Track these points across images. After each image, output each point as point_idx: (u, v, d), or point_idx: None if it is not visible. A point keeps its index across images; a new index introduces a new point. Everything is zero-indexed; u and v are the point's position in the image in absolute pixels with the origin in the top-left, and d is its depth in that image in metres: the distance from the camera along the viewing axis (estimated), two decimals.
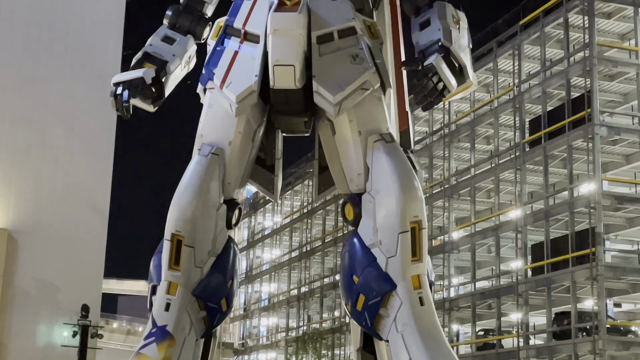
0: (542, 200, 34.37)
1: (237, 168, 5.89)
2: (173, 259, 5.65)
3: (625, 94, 34.87)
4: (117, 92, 6.13)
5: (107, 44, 27.16)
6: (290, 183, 55.73)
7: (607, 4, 32.56)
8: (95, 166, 26.87)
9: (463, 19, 6.22)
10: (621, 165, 35.01)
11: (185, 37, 6.49)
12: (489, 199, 40.50)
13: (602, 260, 30.28)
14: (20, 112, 26.07)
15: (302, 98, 5.79)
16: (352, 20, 5.87)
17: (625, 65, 32.64)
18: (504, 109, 36.76)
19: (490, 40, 37.76)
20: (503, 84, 38.11)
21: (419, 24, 6.19)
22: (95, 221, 27.25)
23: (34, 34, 26.32)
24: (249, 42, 5.84)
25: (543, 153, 33.62)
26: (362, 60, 5.78)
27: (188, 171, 5.78)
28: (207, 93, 5.94)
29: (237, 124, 5.80)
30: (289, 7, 5.66)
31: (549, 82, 34.13)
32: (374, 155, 5.76)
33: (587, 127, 31.02)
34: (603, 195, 30.91)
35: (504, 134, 38.60)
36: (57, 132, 26.47)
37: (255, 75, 5.69)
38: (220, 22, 6.13)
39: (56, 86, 26.48)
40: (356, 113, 5.80)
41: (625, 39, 34.10)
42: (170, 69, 6.35)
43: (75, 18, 26.91)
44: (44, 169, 26.28)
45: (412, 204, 5.60)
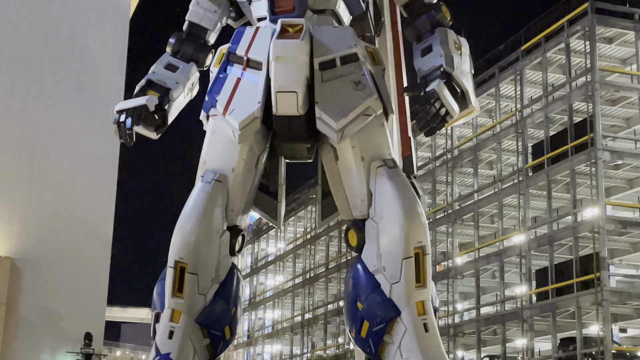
0: (546, 225, 34.31)
1: (240, 195, 5.89)
2: (176, 287, 5.63)
3: (628, 119, 34.91)
4: (120, 119, 6.15)
5: (110, 72, 27.26)
6: (293, 209, 55.71)
7: (608, 29, 32.68)
8: (98, 194, 26.88)
9: (465, 44, 6.24)
10: (624, 190, 34.99)
11: (188, 64, 6.51)
12: (493, 224, 40.43)
13: (607, 285, 30.16)
14: (23, 140, 26.13)
15: (304, 124, 5.80)
16: (354, 47, 5.89)
17: (627, 90, 32.71)
18: (507, 134, 36.80)
19: (492, 66, 37.88)
20: (505, 109, 38.18)
21: (420, 50, 6.22)
22: (99, 249, 27.22)
23: (37, 61, 26.44)
24: (252, 69, 5.86)
25: (546, 178, 33.61)
26: (364, 87, 5.79)
27: (191, 198, 5.78)
28: (210, 120, 5.95)
29: (240, 151, 5.80)
30: (292, 34, 5.69)
31: (551, 107, 34.19)
32: (377, 181, 5.76)
33: (590, 151, 31.02)
34: (607, 219, 30.85)
35: (506, 159, 38.62)
36: (61, 160, 26.50)
37: (258, 102, 5.70)
38: (223, 50, 6.15)
39: (59, 114, 26.56)
40: (359, 139, 5.80)
41: (627, 64, 34.20)
42: (173, 97, 6.37)
43: (79, 46, 27.04)
44: (47, 197, 26.29)
45: (415, 229, 5.59)
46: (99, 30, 27.34)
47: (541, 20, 35.37)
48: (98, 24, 27.36)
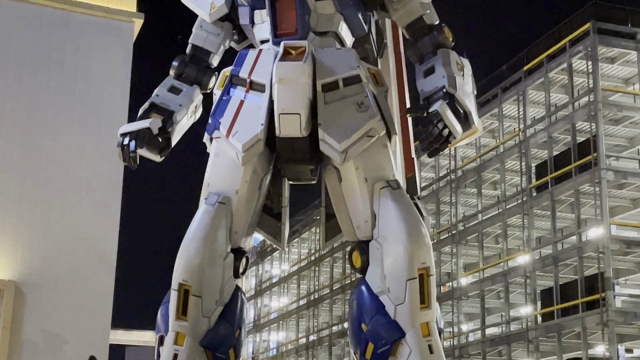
0: (551, 245, 34.22)
1: (244, 217, 5.89)
2: (180, 309, 5.62)
3: (631, 138, 34.91)
4: (124, 142, 6.17)
5: (114, 96, 27.35)
6: (297, 231, 55.64)
7: (610, 49, 32.74)
8: (102, 217, 26.88)
9: (467, 65, 6.26)
10: (629, 210, 34.91)
11: (192, 87, 6.54)
12: (497, 244, 40.33)
13: (612, 306, 30.04)
14: (28, 163, 26.18)
15: (308, 146, 5.81)
16: (356, 69, 5.91)
17: (630, 110, 32.72)
18: (510, 154, 36.80)
19: (495, 86, 37.93)
20: (508, 129, 38.19)
21: (423, 71, 6.23)
22: (103, 272, 27.19)
23: (42, 85, 26.54)
24: (255, 92, 5.88)
25: (550, 198, 33.56)
26: (367, 108, 5.80)
27: (195, 221, 5.78)
28: (213, 142, 5.97)
29: (243, 173, 5.81)
30: (294, 57, 5.71)
31: (554, 127, 34.21)
32: (381, 202, 5.76)
33: (594, 171, 31.00)
34: (611, 239, 30.77)
35: (510, 179, 38.59)
36: (65, 183, 26.54)
37: (261, 124, 5.71)
38: (226, 72, 6.17)
39: (63, 137, 26.61)
40: (362, 160, 5.81)
41: (630, 84, 34.24)
42: (176, 119, 6.39)
43: (83, 70, 27.14)
44: (51, 220, 26.30)
45: (419, 250, 5.59)
46: (102, 55, 27.45)
47: (543, 40, 35.46)
48: (102, 48, 27.48)
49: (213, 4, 6.40)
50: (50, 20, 26.92)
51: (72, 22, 27.20)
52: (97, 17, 27.55)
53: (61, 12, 27.05)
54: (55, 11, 26.96)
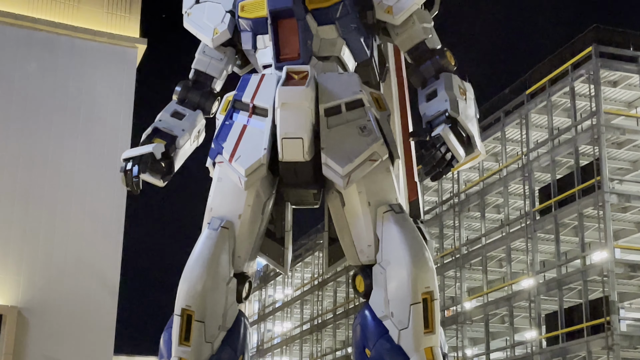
0: (555, 269, 34.13)
1: (247, 241, 5.88)
2: (183, 335, 5.59)
3: (634, 161, 34.92)
4: (127, 167, 6.18)
5: (117, 121, 27.40)
6: (300, 255, 55.57)
7: (612, 73, 32.83)
8: (105, 242, 26.84)
9: (469, 89, 6.27)
10: (633, 233, 34.86)
11: (194, 112, 6.55)
12: (501, 268, 40.25)
13: (617, 329, 29.91)
14: (31, 189, 26.18)
15: (311, 170, 5.81)
16: (359, 93, 5.92)
17: (632, 133, 32.76)
18: (513, 177, 36.80)
19: (498, 110, 38.00)
20: (511, 152, 38.22)
21: (425, 95, 6.24)
22: (105, 297, 27.12)
23: (45, 110, 26.59)
24: (258, 116, 5.89)
25: (554, 221, 33.52)
26: (370, 132, 5.81)
27: (198, 245, 5.77)
28: (216, 167, 5.97)
29: (246, 197, 5.81)
30: (297, 81, 5.73)
31: (557, 150, 34.23)
32: (384, 226, 5.75)
33: (597, 194, 30.98)
34: (616, 263, 30.70)
35: (513, 203, 38.56)
36: (67, 209, 26.53)
37: (264, 148, 5.72)
38: (229, 97, 6.19)
39: (66, 162, 26.63)
40: (365, 184, 5.81)
41: (632, 107, 34.30)
42: (179, 144, 6.40)
43: (86, 95, 27.22)
44: (53, 246, 26.26)
45: (423, 274, 5.57)
46: (106, 80, 27.54)
47: (545, 64, 35.56)
48: (105, 74, 27.57)
49: (216, 29, 6.43)
50: (54, 46, 27.03)
51: (76, 47, 27.31)
52: (101, 43, 27.66)
53: (65, 38, 27.16)
54: (59, 37, 27.08)
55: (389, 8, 6.21)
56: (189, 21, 6.60)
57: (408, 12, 6.24)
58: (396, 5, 6.20)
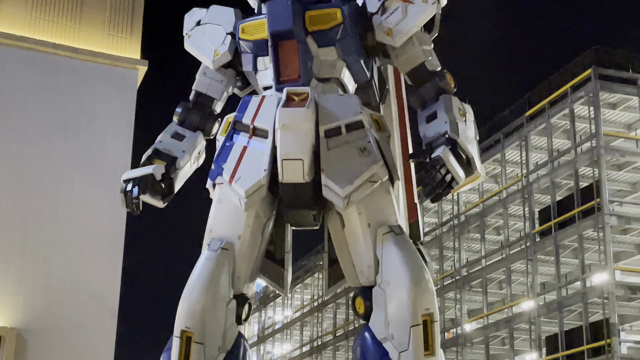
0: (555, 291, 34.05)
1: (246, 262, 5.87)
2: (182, 356, 5.57)
3: (634, 183, 34.93)
4: (127, 188, 6.17)
5: (117, 142, 27.42)
6: (300, 276, 55.46)
7: (612, 95, 32.90)
8: (105, 263, 26.79)
9: (469, 111, 6.29)
10: (633, 255, 34.81)
11: (195, 133, 6.57)
12: (501, 290, 40.15)
13: (617, 352, 29.80)
14: (30, 209, 26.16)
15: (310, 191, 5.81)
16: (359, 114, 5.94)
17: (632, 155, 32.78)
18: (513, 199, 36.79)
19: (497, 132, 38.05)
20: (511, 174, 38.24)
21: (425, 117, 6.26)
22: (105, 318, 27.04)
23: (45, 130, 26.62)
24: (258, 137, 5.90)
25: (554, 243, 33.48)
26: (370, 153, 5.82)
27: (197, 266, 5.77)
28: (216, 188, 5.97)
29: (246, 219, 5.81)
30: (297, 103, 5.75)
31: (557, 172, 34.24)
32: (384, 247, 5.75)
33: (597, 216, 30.96)
34: (616, 285, 30.63)
35: (513, 225, 38.53)
36: (67, 229, 26.51)
37: (264, 169, 5.73)
38: (229, 118, 6.20)
39: (66, 183, 26.63)
40: (365, 205, 5.81)
41: (632, 129, 34.35)
42: (179, 165, 6.41)
43: (87, 116, 27.26)
44: (53, 267, 26.20)
45: (423, 296, 5.56)
46: (106, 101, 27.60)
47: (545, 86, 35.64)
48: (106, 95, 27.64)
49: (216, 51, 6.46)
50: (55, 67, 27.11)
51: (77, 69, 27.39)
52: (102, 64, 27.76)
53: (65, 59, 27.25)
54: (60, 58, 27.17)
55: (389, 30, 6.24)
56: (189, 43, 6.62)
57: (408, 34, 6.27)
58: (396, 28, 6.23)
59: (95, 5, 28.10)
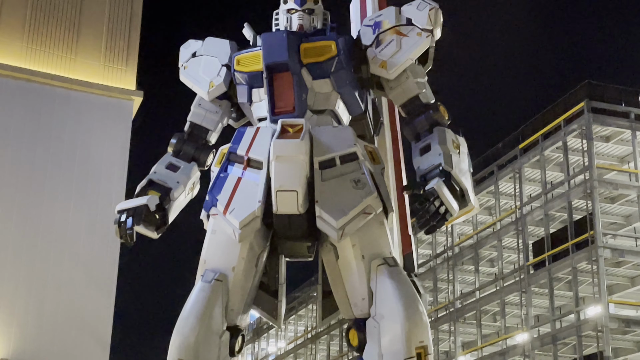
0: (549, 324, 33.95)
1: (240, 294, 5.86)
2: None
3: (628, 216, 34.94)
4: (121, 219, 6.17)
5: (112, 172, 27.41)
6: (294, 308, 55.21)
7: (604, 128, 33.01)
8: (97, 295, 26.66)
9: (463, 143, 6.31)
10: (627, 288, 34.74)
11: (189, 164, 6.58)
12: (495, 322, 40.00)
13: None
14: (24, 240, 26.07)
15: (305, 223, 5.81)
16: (353, 146, 5.96)
17: (625, 188, 32.83)
18: (507, 231, 36.78)
19: (491, 164, 38.12)
20: (505, 206, 38.25)
21: (419, 149, 6.28)
22: (97, 350, 26.86)
23: (39, 161, 26.61)
24: (252, 169, 5.92)
25: (548, 276, 33.42)
26: (364, 185, 5.83)
27: (191, 298, 5.75)
28: (210, 219, 5.97)
29: (240, 250, 5.80)
30: (292, 134, 5.77)
31: (550, 204, 34.26)
32: (378, 279, 5.74)
33: (591, 249, 30.94)
34: (610, 318, 30.54)
35: (507, 257, 38.49)
36: (60, 260, 26.41)
37: (258, 200, 5.74)
38: (224, 149, 6.22)
39: (60, 213, 26.57)
40: (359, 237, 5.81)
41: (625, 162, 34.43)
42: (174, 196, 6.41)
43: (81, 146, 27.26)
44: (46, 298, 26.07)
45: (417, 329, 5.54)
46: (101, 132, 27.62)
47: (538, 119, 35.78)
48: (101, 125, 27.67)
49: (212, 82, 6.49)
50: (50, 98, 27.16)
51: (72, 99, 27.44)
52: (97, 95, 27.82)
53: (61, 90, 27.32)
54: (55, 89, 27.24)
55: (383, 63, 6.29)
56: (185, 74, 6.65)
57: (402, 66, 6.31)
58: (390, 60, 6.28)
59: (92, 36, 28.22)
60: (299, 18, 6.44)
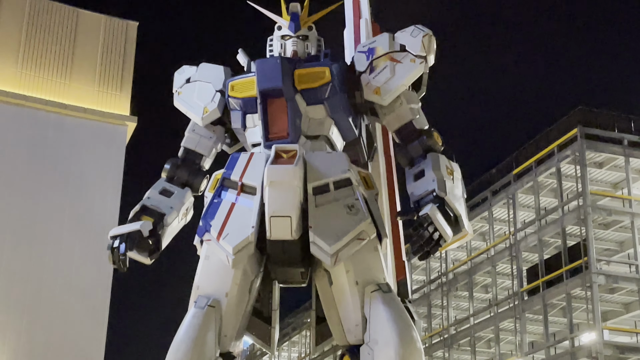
0: (543, 350, 33.84)
1: (233, 320, 5.83)
2: None
3: (621, 242, 34.94)
4: (114, 245, 6.14)
5: (105, 197, 27.36)
6: (287, 334, 54.96)
7: (598, 154, 33.08)
8: (90, 321, 26.52)
9: (457, 169, 6.32)
10: (621, 314, 34.66)
11: (183, 189, 6.56)
12: (490, 348, 39.86)
13: None
14: (16, 267, 25.95)
15: (298, 249, 5.80)
16: (347, 172, 5.96)
17: (619, 214, 32.84)
18: (501, 257, 36.73)
19: (485, 190, 38.13)
20: (499, 232, 38.23)
21: (413, 175, 6.29)
22: None
23: (33, 187, 26.55)
24: (246, 194, 5.91)
25: (542, 302, 33.36)
26: (358, 211, 5.83)
27: (184, 324, 5.72)
28: (204, 245, 5.95)
29: (233, 276, 5.78)
30: (285, 160, 5.77)
31: (544, 230, 34.26)
32: (372, 305, 5.72)
33: (585, 275, 30.90)
34: (605, 345, 30.45)
35: (502, 283, 38.42)
36: (53, 287, 26.29)
37: (252, 226, 5.72)
38: (218, 175, 6.21)
39: (53, 239, 26.47)
40: (353, 263, 5.80)
41: (618, 188, 34.48)
42: (167, 222, 6.39)
43: (75, 172, 27.22)
44: (38, 324, 25.92)
45: (411, 355, 5.52)
46: (95, 157, 27.59)
47: (531, 145, 35.85)
48: (95, 151, 27.65)
49: (205, 108, 6.49)
50: (44, 123, 27.16)
51: (66, 125, 27.44)
52: (91, 120, 27.83)
53: (55, 115, 27.33)
54: (49, 114, 27.25)
55: (377, 89, 6.30)
56: (179, 100, 6.66)
57: (396, 92, 6.33)
58: (384, 86, 6.29)
59: (86, 62, 28.27)
60: (293, 44, 6.46)
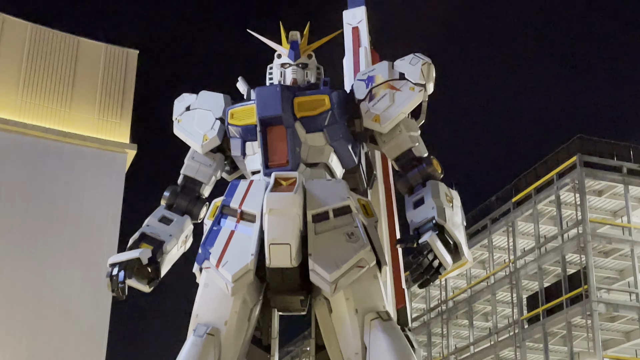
0: None
1: (232, 348, 5.80)
2: None
3: (621, 270, 34.87)
4: (113, 272, 6.12)
5: (105, 225, 27.30)
6: None
7: (597, 182, 33.11)
8: (89, 348, 26.40)
9: (456, 197, 6.32)
10: (622, 343, 34.50)
11: (182, 217, 6.56)
12: None
13: None
14: (15, 293, 25.87)
15: (298, 276, 5.78)
16: (347, 200, 5.96)
17: (619, 242, 32.79)
18: (501, 285, 36.64)
19: (484, 218, 38.12)
20: (499, 260, 38.16)
21: (412, 202, 6.28)
22: None
23: (32, 215, 26.52)
24: (246, 222, 5.89)
25: (542, 330, 33.23)
26: (357, 239, 5.81)
27: (183, 353, 5.69)
28: (203, 272, 5.94)
29: (233, 304, 5.76)
30: (285, 187, 5.76)
31: (544, 258, 34.20)
32: (372, 333, 5.69)
33: (585, 303, 30.82)
34: None
35: (502, 311, 38.29)
36: (51, 315, 26.18)
37: (251, 254, 5.70)
38: (217, 202, 6.20)
39: (52, 266, 26.39)
40: (352, 291, 5.78)
41: (617, 216, 34.46)
42: (166, 249, 6.37)
43: (74, 201, 27.19)
44: (36, 350, 25.81)
45: None
46: (94, 185, 27.56)
47: (531, 173, 35.90)
48: (94, 179, 27.62)
49: (205, 135, 6.50)
50: (44, 151, 27.15)
51: (66, 153, 27.44)
52: (91, 148, 27.84)
53: (54, 143, 27.32)
54: (48, 142, 27.24)
55: (377, 117, 6.32)
56: (179, 127, 6.66)
57: (395, 120, 6.34)
58: (383, 114, 6.30)
59: (86, 90, 28.33)
60: (292, 72, 6.49)
